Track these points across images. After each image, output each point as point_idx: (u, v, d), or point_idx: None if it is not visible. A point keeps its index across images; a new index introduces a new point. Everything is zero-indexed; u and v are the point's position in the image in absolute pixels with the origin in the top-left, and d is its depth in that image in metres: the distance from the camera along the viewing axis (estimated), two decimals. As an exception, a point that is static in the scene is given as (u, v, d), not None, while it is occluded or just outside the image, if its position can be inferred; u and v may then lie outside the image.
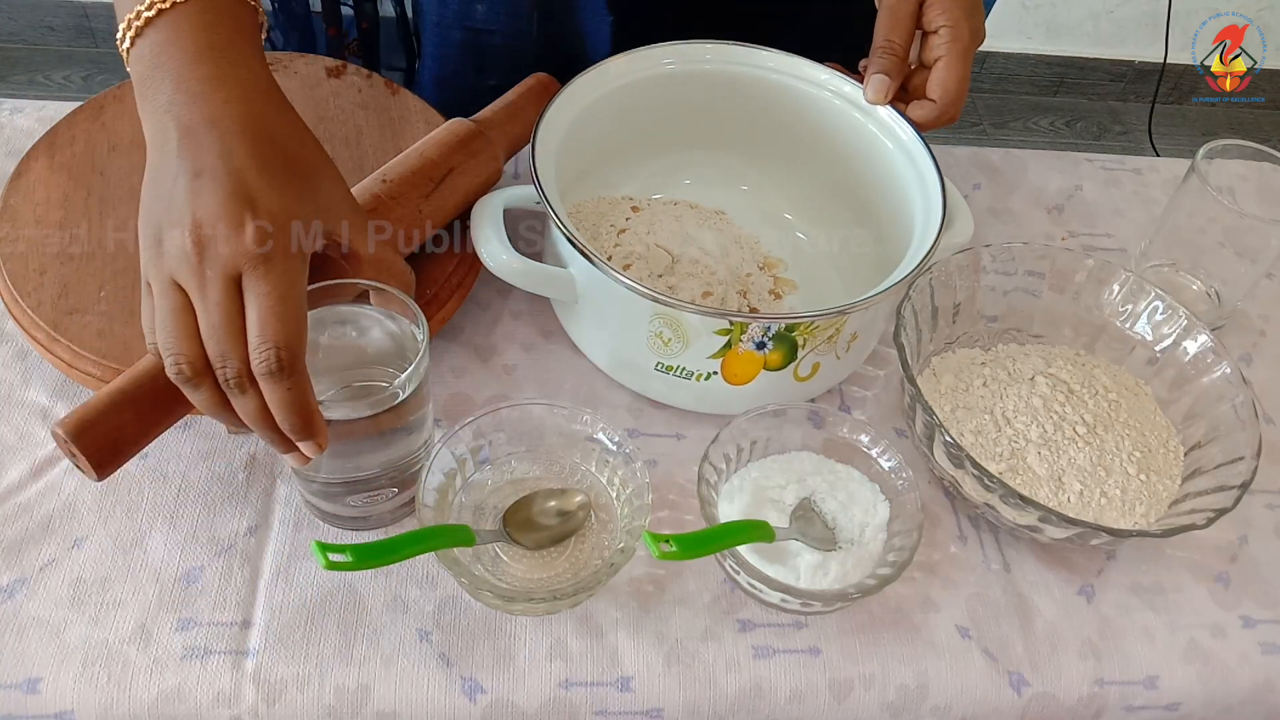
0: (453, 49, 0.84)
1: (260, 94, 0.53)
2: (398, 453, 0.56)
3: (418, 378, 0.53)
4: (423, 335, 0.53)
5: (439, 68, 0.85)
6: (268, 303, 0.47)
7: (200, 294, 0.48)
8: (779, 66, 0.72)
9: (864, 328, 0.64)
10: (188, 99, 0.50)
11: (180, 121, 0.50)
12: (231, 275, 0.48)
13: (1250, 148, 0.72)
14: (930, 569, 0.61)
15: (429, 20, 0.84)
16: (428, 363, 0.53)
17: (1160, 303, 0.68)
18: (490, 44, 0.73)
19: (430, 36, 0.84)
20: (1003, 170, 0.87)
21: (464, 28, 0.81)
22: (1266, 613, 0.62)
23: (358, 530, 0.59)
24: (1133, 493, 0.62)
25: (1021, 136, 2.25)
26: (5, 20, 2.06)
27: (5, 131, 0.76)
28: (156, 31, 0.51)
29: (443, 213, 0.65)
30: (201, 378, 0.48)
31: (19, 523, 0.57)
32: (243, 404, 0.48)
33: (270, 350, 0.47)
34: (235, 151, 0.50)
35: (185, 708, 0.53)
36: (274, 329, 0.47)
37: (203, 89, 0.51)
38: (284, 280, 0.48)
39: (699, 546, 0.54)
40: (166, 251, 0.48)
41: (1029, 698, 0.58)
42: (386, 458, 0.56)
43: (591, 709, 0.55)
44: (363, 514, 0.58)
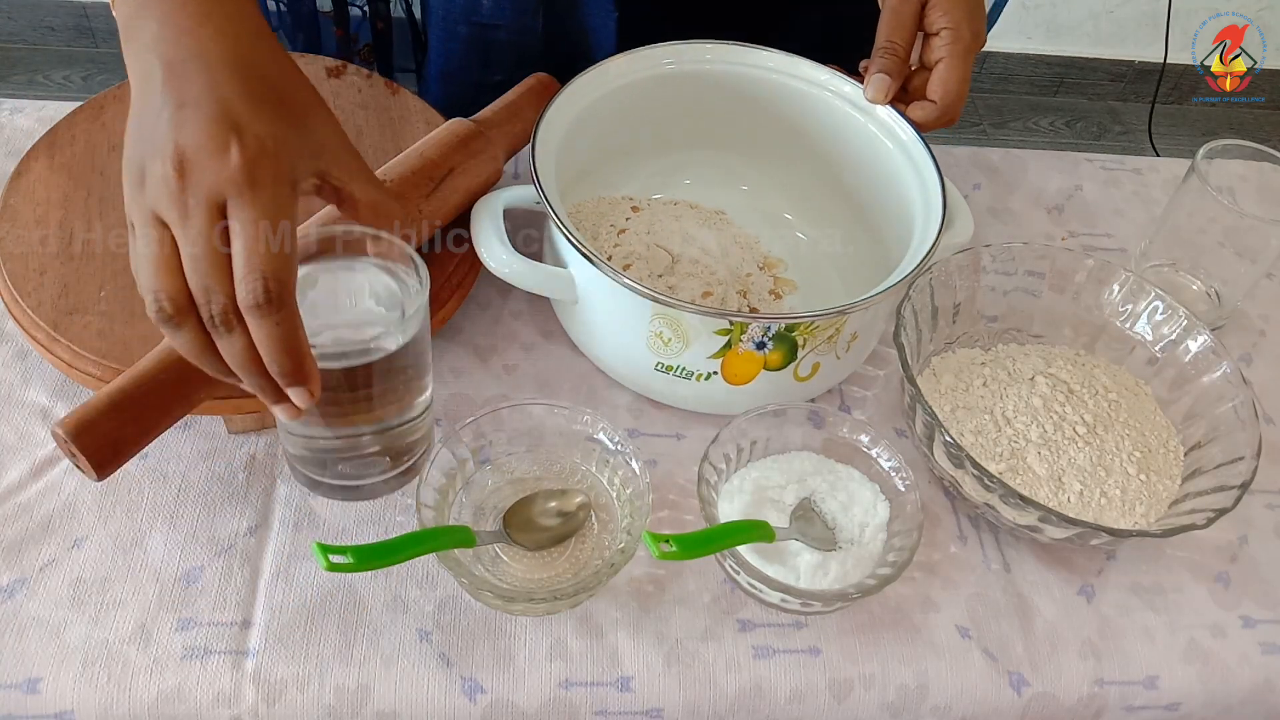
0: (458, 44, 0.84)
1: (250, 32, 0.50)
2: (392, 414, 0.53)
3: (415, 325, 0.50)
4: (422, 283, 0.50)
5: (444, 62, 0.86)
6: (254, 230, 0.44)
7: (182, 224, 0.45)
8: (779, 66, 0.72)
9: (864, 328, 0.64)
10: (175, 35, 0.48)
11: (165, 58, 0.48)
12: (216, 202, 0.45)
13: (1250, 148, 0.72)
14: (930, 569, 0.61)
15: (435, 15, 0.84)
16: (426, 314, 0.51)
17: (1160, 303, 0.68)
18: (495, 39, 0.73)
19: (436, 32, 0.85)
20: (1003, 170, 0.87)
21: (469, 22, 0.82)
22: (1266, 613, 0.62)
23: (347, 500, 0.57)
24: (1133, 493, 0.62)
25: (1021, 136, 2.25)
26: (5, 20, 2.06)
27: (5, 131, 0.76)
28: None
29: (443, 213, 0.65)
30: (184, 316, 0.45)
31: (19, 523, 0.57)
32: (228, 344, 0.46)
33: (258, 280, 0.44)
34: (222, 83, 0.47)
35: (185, 708, 0.53)
36: (261, 258, 0.44)
37: (189, 24, 0.48)
38: (271, 206, 0.45)
39: (699, 546, 0.54)
40: (148, 185, 0.46)
41: (1029, 698, 0.58)
42: (380, 420, 0.53)
43: (591, 709, 0.55)
44: (353, 483, 0.56)
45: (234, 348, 0.46)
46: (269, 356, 0.45)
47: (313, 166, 0.50)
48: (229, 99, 0.47)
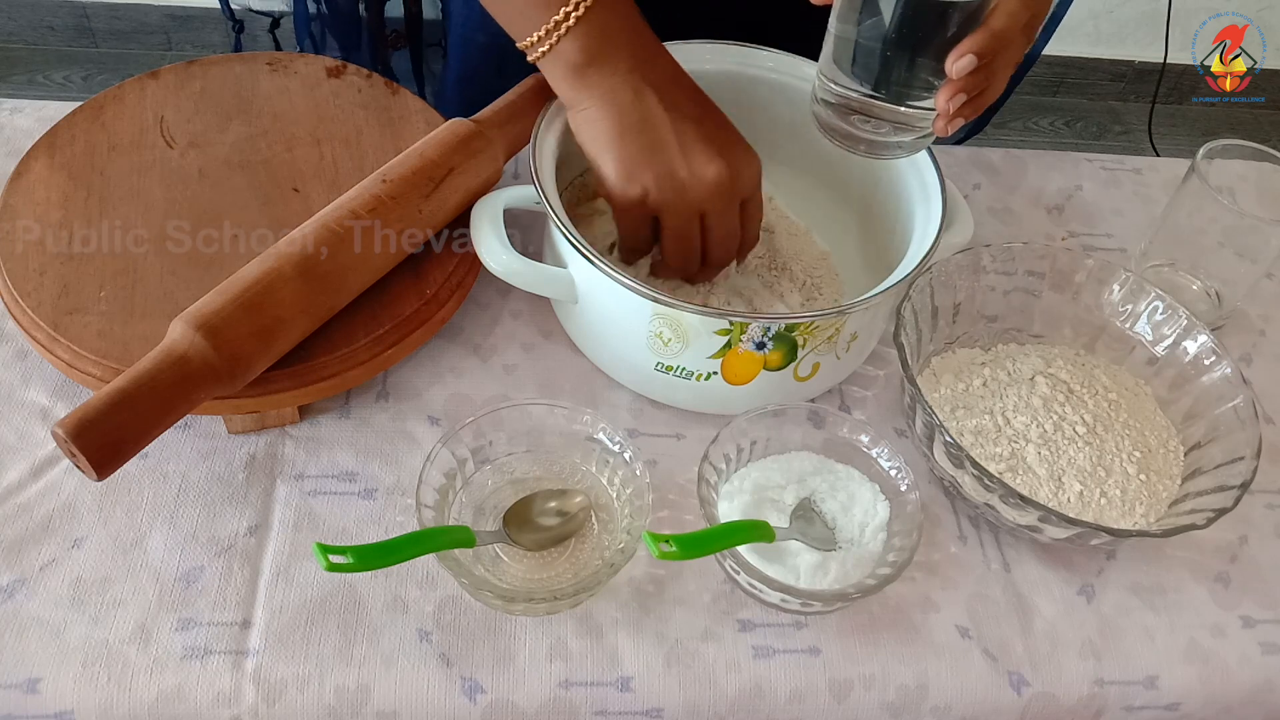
0: (475, 51, 0.86)
1: (666, 54, 0.64)
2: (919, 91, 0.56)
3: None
4: None
5: (461, 68, 0.88)
6: (759, 217, 0.66)
7: (727, 218, 0.62)
8: (779, 66, 0.72)
9: (864, 328, 0.64)
10: (646, 65, 0.61)
11: (649, 83, 0.61)
12: (743, 199, 0.63)
13: (1250, 148, 0.72)
14: (930, 569, 0.61)
15: (455, 23, 0.86)
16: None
17: (1160, 303, 0.68)
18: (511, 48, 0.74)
19: (455, 39, 0.87)
20: (1003, 170, 0.87)
21: (487, 31, 0.82)
22: (1266, 613, 0.62)
23: (850, 149, 0.60)
24: (1133, 493, 0.62)
25: (1021, 136, 2.25)
26: (5, 20, 2.05)
27: (5, 131, 0.76)
28: (596, 16, 0.60)
29: (443, 213, 0.65)
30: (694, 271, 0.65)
31: (19, 523, 0.57)
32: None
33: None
34: (704, 100, 0.63)
35: (185, 708, 0.53)
36: (756, 235, 0.67)
37: (655, 51, 0.63)
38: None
39: (699, 546, 0.54)
40: (695, 185, 0.60)
41: (1029, 698, 0.58)
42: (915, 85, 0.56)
43: (591, 709, 0.55)
44: (866, 135, 0.59)
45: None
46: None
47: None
48: (718, 114, 0.64)
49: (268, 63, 0.76)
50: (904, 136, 0.59)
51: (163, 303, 0.61)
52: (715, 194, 0.61)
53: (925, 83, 0.56)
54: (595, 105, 0.61)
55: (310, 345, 0.61)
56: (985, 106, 0.59)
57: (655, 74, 0.61)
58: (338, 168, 0.70)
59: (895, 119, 0.58)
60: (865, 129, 0.59)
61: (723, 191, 0.61)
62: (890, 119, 0.58)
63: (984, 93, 0.57)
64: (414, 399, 0.65)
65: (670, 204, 0.61)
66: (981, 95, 0.57)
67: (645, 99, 0.60)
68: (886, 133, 0.59)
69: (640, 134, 0.61)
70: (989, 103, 0.59)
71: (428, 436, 0.63)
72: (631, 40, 0.62)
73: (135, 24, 2.06)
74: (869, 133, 0.59)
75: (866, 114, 0.58)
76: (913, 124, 0.58)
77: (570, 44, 0.60)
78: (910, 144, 0.60)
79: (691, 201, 0.61)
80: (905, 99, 0.57)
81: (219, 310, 0.56)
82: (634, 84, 0.61)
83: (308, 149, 0.71)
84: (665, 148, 0.60)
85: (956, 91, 0.55)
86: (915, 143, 0.60)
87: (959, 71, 0.55)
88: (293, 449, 0.62)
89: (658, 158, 0.61)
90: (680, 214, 0.62)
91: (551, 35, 0.60)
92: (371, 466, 0.62)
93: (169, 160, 0.69)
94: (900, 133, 0.59)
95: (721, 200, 0.61)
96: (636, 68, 0.61)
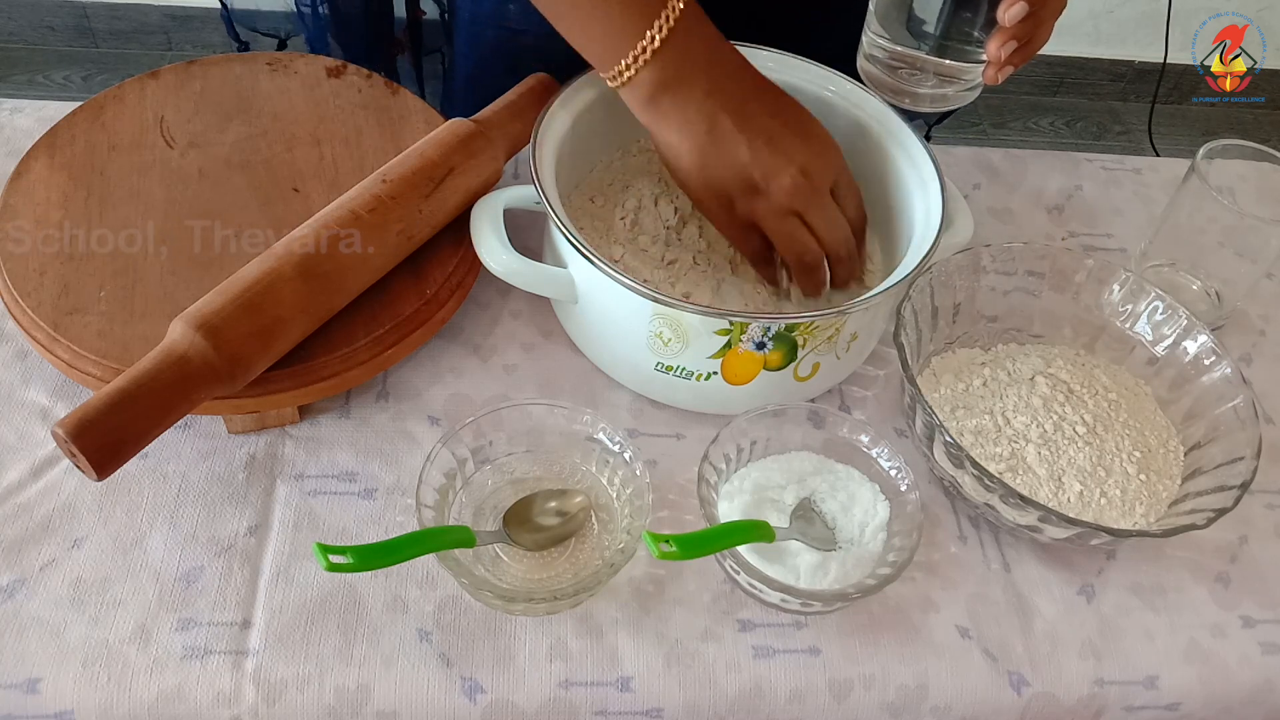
0: (485, 48, 0.85)
1: (742, 66, 0.64)
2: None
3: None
4: None
5: (470, 66, 0.86)
6: (856, 196, 0.66)
7: (820, 209, 0.63)
8: (778, 66, 0.72)
9: (864, 328, 0.64)
10: (718, 89, 0.61)
11: (723, 107, 0.61)
12: (830, 187, 0.63)
13: (1250, 148, 0.72)
14: (930, 569, 0.61)
15: (462, 18, 0.85)
16: None
17: (1160, 303, 0.68)
18: (522, 44, 0.74)
19: (462, 35, 0.86)
20: (1003, 170, 0.87)
21: (497, 26, 0.82)
22: (1266, 613, 0.62)
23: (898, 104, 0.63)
24: (1133, 493, 0.62)
25: (1021, 136, 2.25)
26: (5, 20, 2.06)
27: (5, 131, 0.76)
28: (675, 42, 0.59)
29: (443, 213, 0.65)
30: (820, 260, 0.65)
31: (19, 523, 0.57)
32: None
33: (848, 237, 0.65)
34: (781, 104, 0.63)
35: (185, 708, 0.53)
36: (860, 211, 0.66)
37: (731, 69, 0.63)
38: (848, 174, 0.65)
39: (699, 546, 0.54)
40: (774, 191, 0.61)
41: (1029, 698, 0.58)
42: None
43: (591, 709, 0.55)
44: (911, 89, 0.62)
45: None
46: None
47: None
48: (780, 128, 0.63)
49: (268, 63, 0.76)
50: (948, 89, 0.61)
51: (163, 303, 0.61)
52: (795, 192, 0.61)
53: (969, 35, 0.59)
54: (673, 134, 0.62)
55: (310, 345, 0.61)
56: (1032, 55, 0.62)
57: (729, 94, 0.62)
58: (338, 168, 0.70)
59: (942, 71, 0.60)
60: (911, 82, 0.61)
61: (801, 189, 0.61)
62: (937, 71, 0.60)
63: (1032, 40, 0.61)
64: (414, 399, 0.65)
65: (759, 212, 0.63)
66: (1030, 43, 0.61)
67: (719, 124, 0.61)
68: (934, 85, 0.61)
69: (719, 154, 0.61)
70: (1036, 51, 0.62)
71: (428, 436, 0.63)
72: (709, 61, 0.62)
73: (135, 24, 2.06)
74: (915, 85, 0.61)
75: (913, 67, 0.60)
76: (959, 76, 0.61)
77: (647, 74, 0.60)
78: (955, 96, 0.62)
79: (775, 205, 0.62)
80: (952, 51, 0.59)
81: (219, 310, 0.56)
82: (708, 110, 0.61)
83: (308, 149, 0.71)
84: (741, 164, 0.61)
85: (1008, 39, 0.58)
86: (960, 95, 0.62)
87: (1011, 19, 0.57)
88: (293, 449, 0.62)
89: (736, 174, 0.62)
90: (771, 217, 0.63)
91: (631, 67, 0.60)
92: (371, 466, 0.62)
93: (169, 160, 0.69)
94: (945, 85, 0.61)
95: (804, 196, 0.62)
96: (712, 92, 0.61)
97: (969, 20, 0.59)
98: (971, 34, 0.60)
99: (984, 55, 0.61)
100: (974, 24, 0.59)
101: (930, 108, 0.63)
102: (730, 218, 0.64)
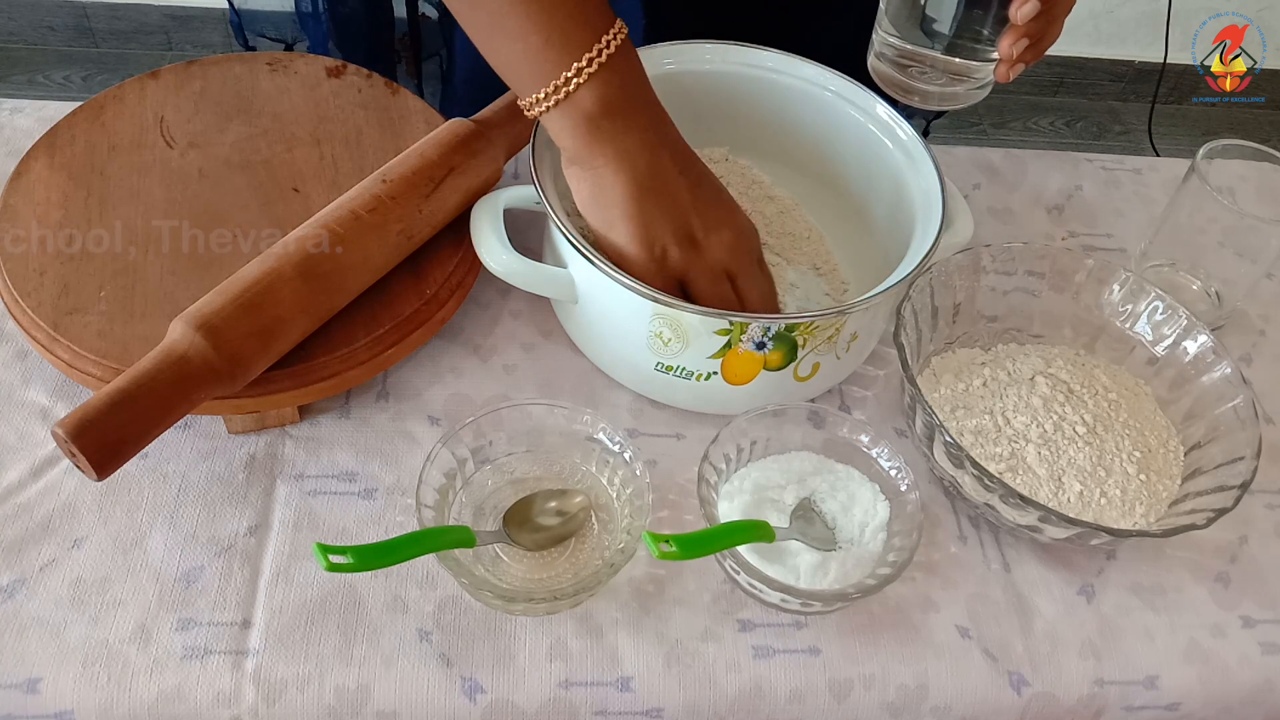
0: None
1: (665, 114, 0.61)
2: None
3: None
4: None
5: (471, 65, 0.86)
6: (771, 281, 0.64)
7: (753, 276, 0.62)
8: (779, 66, 0.72)
9: (864, 328, 0.64)
10: (660, 125, 0.60)
11: (664, 144, 0.59)
12: (760, 257, 0.63)
13: (1250, 148, 0.72)
14: (930, 569, 0.61)
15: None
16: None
17: (1160, 303, 0.68)
18: None
19: (462, 35, 0.85)
20: (1003, 170, 0.87)
21: None
22: (1266, 613, 0.62)
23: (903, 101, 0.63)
24: (1133, 493, 0.62)
25: (1021, 136, 2.25)
26: (5, 20, 2.05)
27: (5, 131, 0.76)
28: (609, 75, 0.56)
29: (443, 213, 0.65)
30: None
31: (19, 523, 0.57)
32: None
33: (775, 299, 0.65)
34: (701, 165, 0.62)
35: (185, 708, 0.53)
36: (771, 290, 0.64)
37: (662, 111, 0.60)
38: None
39: (699, 546, 0.54)
40: (713, 245, 0.60)
41: (1029, 698, 0.58)
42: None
43: (591, 709, 0.55)
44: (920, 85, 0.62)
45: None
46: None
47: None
48: (715, 179, 0.63)
49: (268, 63, 0.76)
50: (959, 87, 0.61)
51: (163, 303, 0.61)
52: (735, 251, 0.60)
53: (980, 34, 0.59)
54: (610, 165, 0.58)
55: (310, 345, 0.61)
56: (1044, 52, 0.62)
57: (669, 133, 0.60)
58: (338, 168, 0.70)
59: (953, 69, 0.60)
60: (922, 80, 0.61)
61: (739, 249, 0.61)
62: (948, 69, 0.60)
63: (1043, 38, 0.61)
64: (414, 399, 0.65)
65: (693, 268, 0.60)
66: (1041, 40, 0.61)
67: (661, 160, 0.58)
68: (944, 83, 0.61)
69: (659, 197, 0.59)
70: (1047, 48, 0.62)
71: (428, 436, 0.63)
72: (647, 97, 0.59)
73: (135, 24, 2.06)
74: (926, 83, 0.61)
75: (924, 65, 0.60)
76: (969, 74, 0.61)
77: (588, 93, 0.56)
78: (965, 94, 0.63)
79: (711, 262, 0.60)
80: (964, 49, 0.59)
81: (219, 310, 0.56)
82: (650, 144, 0.58)
83: (308, 149, 0.71)
84: (682, 211, 0.59)
85: (1020, 36, 0.58)
86: (970, 93, 0.63)
87: (1024, 17, 0.57)
88: (293, 449, 0.62)
89: (675, 221, 0.59)
90: (705, 276, 0.60)
91: (569, 83, 0.56)
92: (371, 466, 0.62)
93: (169, 160, 0.69)
94: (956, 83, 0.61)
95: (741, 258, 0.61)
96: (652, 126, 0.59)
97: (980, 18, 0.59)
98: (983, 32, 0.60)
99: (995, 53, 0.61)
100: (985, 22, 0.59)
101: (940, 105, 0.64)
102: (659, 268, 0.60)
